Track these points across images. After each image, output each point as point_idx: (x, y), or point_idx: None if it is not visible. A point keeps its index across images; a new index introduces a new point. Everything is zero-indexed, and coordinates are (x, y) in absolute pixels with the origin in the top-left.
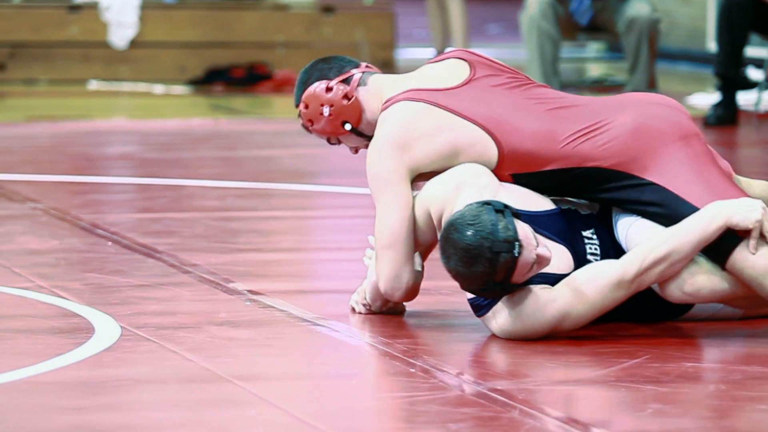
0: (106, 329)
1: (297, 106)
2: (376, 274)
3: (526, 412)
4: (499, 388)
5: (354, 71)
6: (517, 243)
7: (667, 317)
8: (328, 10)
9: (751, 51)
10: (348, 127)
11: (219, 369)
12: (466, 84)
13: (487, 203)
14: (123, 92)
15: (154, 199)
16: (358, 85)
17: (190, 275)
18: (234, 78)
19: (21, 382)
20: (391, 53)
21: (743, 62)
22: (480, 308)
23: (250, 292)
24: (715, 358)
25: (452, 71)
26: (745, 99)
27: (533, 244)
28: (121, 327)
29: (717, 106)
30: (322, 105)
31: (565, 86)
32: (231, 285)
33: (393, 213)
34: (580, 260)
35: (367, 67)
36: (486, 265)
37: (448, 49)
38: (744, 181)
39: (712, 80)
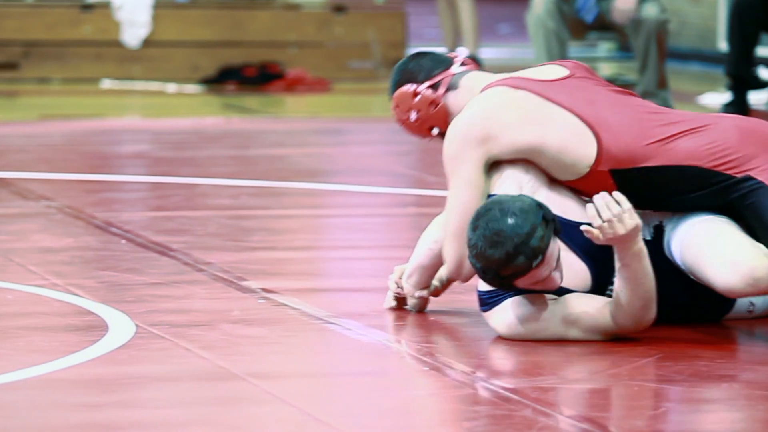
0: (120, 327)
1: (390, 101)
2: (443, 257)
3: (539, 411)
4: (511, 386)
5: (443, 75)
6: (541, 256)
7: (710, 318)
8: (339, 9)
9: (762, 51)
10: (436, 131)
11: (232, 366)
12: (566, 78)
13: (541, 206)
14: (136, 91)
15: (167, 198)
16: (448, 89)
17: (204, 273)
18: (246, 77)
19: (36, 380)
20: (402, 53)
21: (754, 62)
22: (485, 304)
23: (264, 290)
24: (729, 357)
25: (551, 70)
26: (756, 98)
27: (553, 265)
28: (136, 325)
29: (728, 105)
30: (410, 110)
31: None
32: (244, 283)
33: (462, 200)
34: (600, 280)
35: (463, 63)
36: (502, 256)
37: (459, 49)
38: None
39: (723, 80)
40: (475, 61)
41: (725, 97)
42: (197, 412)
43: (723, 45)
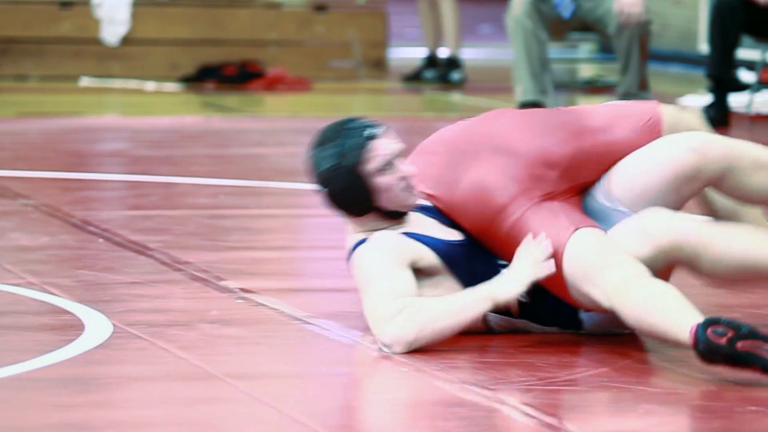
0: (97, 326)
1: None
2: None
3: (519, 412)
4: (491, 387)
5: None
6: (372, 129)
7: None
8: (320, 8)
9: (743, 53)
10: None
11: (210, 367)
12: None
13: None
14: (114, 89)
15: (145, 197)
16: None
17: (182, 273)
18: (226, 76)
19: (11, 379)
20: (383, 52)
21: (735, 64)
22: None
23: (242, 290)
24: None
25: None
26: (736, 101)
27: (399, 147)
28: (113, 324)
29: (709, 107)
30: None
31: (557, 87)
32: (222, 283)
33: None
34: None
35: None
36: (342, 141)
37: (440, 49)
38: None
39: (703, 82)
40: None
41: (706, 99)
42: (174, 413)
43: (704, 47)
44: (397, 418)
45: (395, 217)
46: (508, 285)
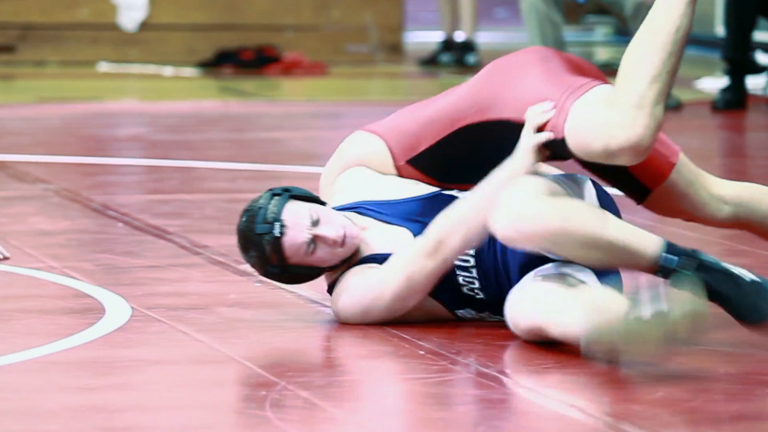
0: (116, 310)
1: None
2: None
3: (534, 394)
4: (507, 371)
5: None
6: (277, 223)
7: None
8: None
9: (760, 35)
10: None
11: (229, 350)
12: None
13: (272, 189)
14: (132, 74)
15: (164, 181)
16: None
17: (201, 256)
18: (243, 60)
19: (32, 362)
20: (399, 36)
21: (751, 46)
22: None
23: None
24: (722, 341)
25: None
26: (753, 83)
27: (305, 224)
28: (132, 307)
29: (725, 90)
30: None
31: None
32: (241, 266)
33: None
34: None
35: None
36: (256, 249)
37: (456, 33)
38: (715, 182)
39: (720, 65)
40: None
41: (722, 81)
42: (193, 395)
43: (720, 29)
44: (414, 400)
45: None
46: (516, 158)
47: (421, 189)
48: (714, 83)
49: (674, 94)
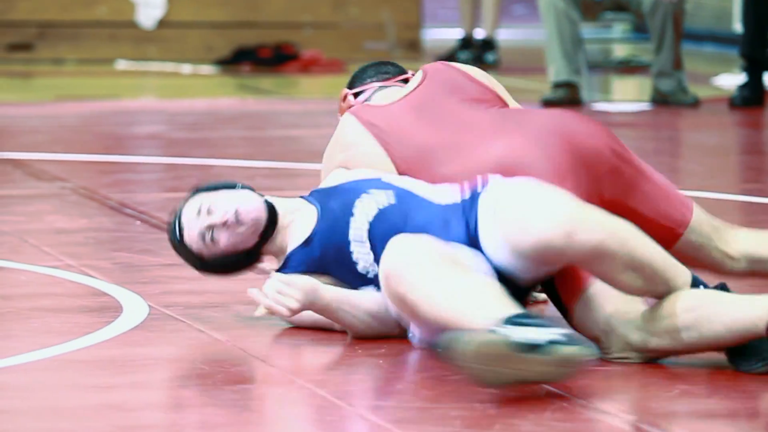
0: (134, 308)
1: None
2: None
3: (553, 392)
4: None
5: (369, 86)
6: (177, 226)
7: None
8: None
9: None
10: None
11: (246, 348)
12: (410, 94)
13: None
14: (151, 72)
15: (181, 179)
16: (366, 100)
17: None
18: (261, 58)
19: (50, 360)
20: (417, 34)
21: None
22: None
23: (278, 271)
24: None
25: (408, 86)
26: None
27: (195, 217)
28: (149, 306)
29: (743, 87)
30: (340, 110)
31: (591, 67)
32: (259, 264)
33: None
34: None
35: (405, 80)
36: (179, 254)
37: (476, 30)
38: (729, 239)
39: (738, 61)
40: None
41: (740, 78)
42: (211, 394)
43: (738, 26)
44: (433, 397)
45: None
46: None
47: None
48: (732, 80)
49: (691, 90)
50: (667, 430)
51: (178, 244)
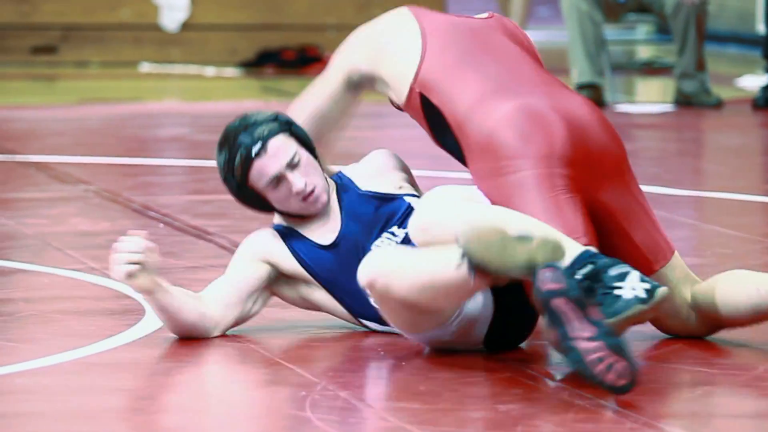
0: None
1: None
2: None
3: (575, 393)
4: (547, 370)
5: None
6: (260, 143)
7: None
8: None
9: None
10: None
11: (269, 350)
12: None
13: (278, 113)
14: (174, 75)
15: (205, 181)
16: None
17: None
18: (285, 60)
19: (73, 363)
20: None
21: None
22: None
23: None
24: (764, 341)
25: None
26: None
27: (283, 160)
28: None
29: (766, 88)
30: None
31: (614, 68)
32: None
33: (311, 90)
34: (358, 242)
35: None
36: (228, 153)
37: None
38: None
39: (761, 62)
40: None
41: (763, 79)
42: (234, 396)
43: (761, 27)
44: (456, 399)
45: (300, 215)
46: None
47: (384, 186)
48: (755, 81)
49: (714, 91)
50: (690, 431)
51: (244, 154)
